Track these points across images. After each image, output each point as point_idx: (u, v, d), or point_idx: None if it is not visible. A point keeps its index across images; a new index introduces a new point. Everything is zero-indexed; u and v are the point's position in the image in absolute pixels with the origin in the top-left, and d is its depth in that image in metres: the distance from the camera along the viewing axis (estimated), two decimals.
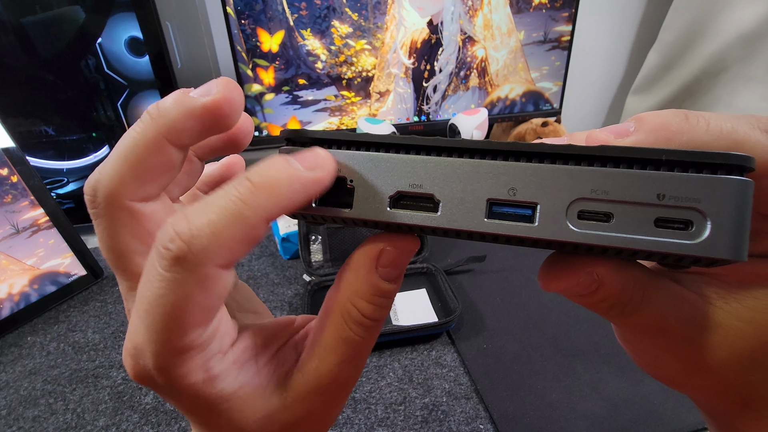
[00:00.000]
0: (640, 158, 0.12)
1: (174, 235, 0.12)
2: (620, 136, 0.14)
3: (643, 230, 0.12)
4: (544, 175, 0.13)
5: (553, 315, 0.54)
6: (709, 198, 0.12)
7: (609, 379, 0.45)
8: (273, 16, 0.74)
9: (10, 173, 0.57)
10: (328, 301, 0.16)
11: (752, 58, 0.89)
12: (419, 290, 0.57)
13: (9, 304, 0.55)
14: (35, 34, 0.65)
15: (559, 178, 0.13)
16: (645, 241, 0.12)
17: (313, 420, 0.16)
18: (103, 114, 0.73)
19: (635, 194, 0.12)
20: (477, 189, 0.13)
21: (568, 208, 0.13)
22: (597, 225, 0.13)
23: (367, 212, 0.14)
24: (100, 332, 0.54)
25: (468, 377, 0.47)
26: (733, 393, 0.16)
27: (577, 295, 0.15)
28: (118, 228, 0.14)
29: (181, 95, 0.14)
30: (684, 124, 0.13)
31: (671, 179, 0.12)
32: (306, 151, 0.14)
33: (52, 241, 0.60)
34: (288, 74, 0.79)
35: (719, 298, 0.15)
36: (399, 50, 0.81)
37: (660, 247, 0.12)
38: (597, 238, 0.13)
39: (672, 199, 0.12)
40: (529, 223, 0.13)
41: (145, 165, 0.14)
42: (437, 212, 0.14)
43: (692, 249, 0.12)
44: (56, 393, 0.46)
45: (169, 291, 0.12)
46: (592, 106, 1.18)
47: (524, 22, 0.82)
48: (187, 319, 0.13)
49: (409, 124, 0.87)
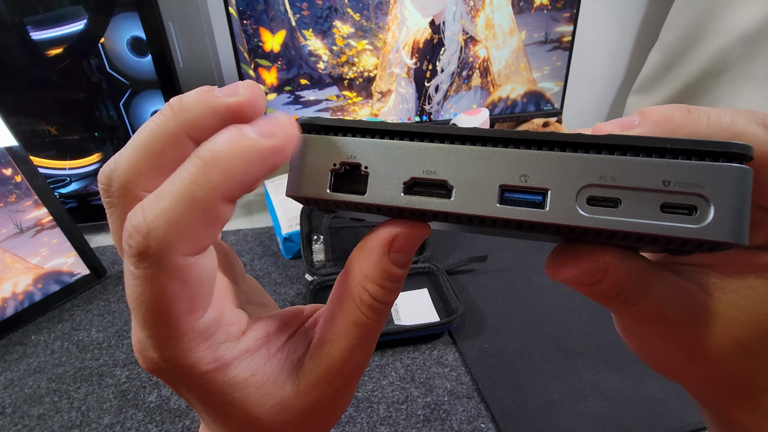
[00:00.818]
0: (646, 146, 0.13)
1: (132, 230, 0.12)
2: (625, 128, 0.14)
3: (649, 215, 0.13)
4: (554, 162, 0.13)
5: (554, 315, 0.54)
6: (712, 184, 0.12)
7: (610, 378, 0.46)
8: (275, 16, 0.74)
9: (14, 173, 0.57)
10: (338, 287, 0.17)
11: (754, 57, 0.89)
12: (421, 290, 0.58)
13: (13, 302, 0.56)
14: (38, 34, 0.65)
15: (568, 166, 0.13)
16: (651, 225, 0.13)
17: (325, 407, 0.17)
18: (106, 114, 0.73)
19: (642, 181, 0.13)
20: (489, 175, 0.14)
21: (578, 194, 0.13)
22: (605, 210, 0.13)
23: (381, 198, 0.15)
24: (104, 331, 0.55)
25: (469, 377, 0.47)
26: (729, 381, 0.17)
27: (584, 284, 0.15)
28: None
29: (206, 92, 0.14)
30: (686, 116, 0.14)
31: (676, 166, 0.12)
32: (264, 118, 0.14)
33: (56, 240, 0.60)
34: (290, 74, 0.79)
35: (717, 288, 0.16)
36: (401, 50, 0.81)
37: (666, 231, 0.13)
38: (605, 222, 0.13)
39: (677, 185, 0.12)
40: (540, 209, 0.13)
41: (162, 157, 0.13)
42: (451, 198, 0.14)
43: (696, 233, 0.12)
44: (61, 391, 0.47)
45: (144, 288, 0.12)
46: (593, 106, 1.18)
47: (526, 23, 0.82)
48: (171, 310, 0.13)
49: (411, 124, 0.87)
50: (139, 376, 0.48)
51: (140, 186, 0.14)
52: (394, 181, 0.14)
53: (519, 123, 0.91)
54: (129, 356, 0.51)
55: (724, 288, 0.16)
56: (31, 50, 0.66)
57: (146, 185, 0.14)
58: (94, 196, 0.77)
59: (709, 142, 0.12)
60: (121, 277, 0.65)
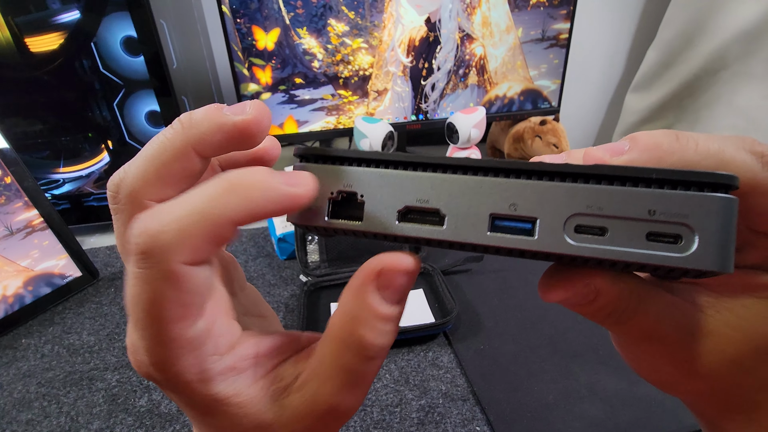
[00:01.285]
0: (632, 176, 0.13)
1: (143, 229, 0.13)
2: (615, 155, 0.14)
3: (635, 243, 0.13)
4: (543, 191, 0.14)
5: (550, 315, 0.54)
6: (697, 214, 0.12)
7: (606, 380, 0.45)
8: (269, 14, 0.73)
9: (4, 174, 0.57)
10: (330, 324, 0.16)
11: (752, 55, 0.88)
12: (416, 290, 0.57)
13: (3, 306, 0.55)
14: (30, 34, 0.64)
15: (556, 195, 0.13)
16: (637, 254, 0.13)
17: None
18: (99, 114, 0.72)
19: (628, 210, 0.13)
20: (480, 204, 0.14)
21: (566, 222, 0.13)
22: (593, 238, 0.13)
23: (376, 226, 0.15)
24: (95, 334, 0.54)
25: (464, 378, 0.46)
26: (723, 396, 0.17)
27: (576, 305, 0.16)
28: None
29: (215, 110, 0.15)
30: (674, 144, 0.14)
31: (661, 196, 0.13)
32: (293, 171, 0.15)
33: (47, 242, 0.60)
34: (284, 73, 0.78)
35: (710, 307, 0.16)
36: (397, 48, 0.80)
37: (651, 260, 0.13)
38: (592, 251, 0.13)
39: (662, 214, 0.13)
40: (529, 237, 0.14)
41: (170, 169, 0.14)
42: (443, 226, 0.15)
43: (681, 261, 0.13)
44: (50, 396, 0.46)
45: (142, 288, 0.13)
46: (591, 104, 1.17)
47: (522, 20, 0.81)
48: (164, 315, 0.13)
49: (407, 122, 0.86)
50: (130, 380, 0.47)
51: (146, 195, 0.14)
52: (389, 209, 0.15)
53: (516, 121, 0.90)
54: (120, 360, 0.50)
55: (717, 306, 0.16)
56: (23, 50, 0.65)
57: (152, 194, 0.15)
58: (88, 197, 0.77)
59: (694, 173, 0.12)
60: (113, 278, 0.65)
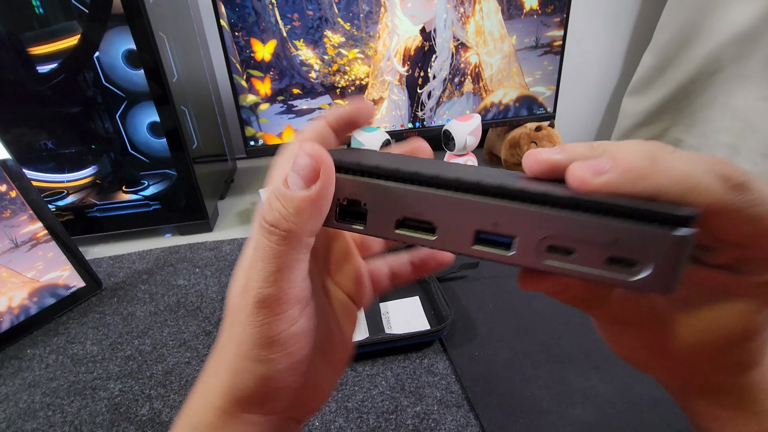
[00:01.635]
0: (602, 207, 0.14)
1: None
2: (596, 174, 0.15)
3: (596, 265, 0.15)
4: (522, 214, 0.15)
5: (545, 320, 0.54)
6: (654, 247, 0.14)
7: (600, 386, 0.46)
8: (266, 27, 0.75)
9: (9, 188, 0.58)
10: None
11: (747, 57, 0.89)
12: (412, 298, 0.58)
13: (9, 317, 0.56)
14: (34, 48, 0.66)
15: (534, 218, 0.15)
16: (596, 274, 0.15)
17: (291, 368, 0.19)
18: (102, 126, 0.74)
19: (594, 237, 0.15)
20: (467, 220, 0.16)
21: (540, 242, 0.15)
22: (561, 257, 0.15)
23: (377, 231, 0.18)
24: (99, 344, 0.55)
25: (459, 385, 0.47)
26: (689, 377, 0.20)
27: (551, 294, 0.18)
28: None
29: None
30: (648, 169, 0.15)
31: (624, 228, 0.14)
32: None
33: (51, 254, 0.61)
34: (282, 84, 0.79)
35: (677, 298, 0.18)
36: (393, 58, 0.81)
37: (606, 281, 0.15)
38: (559, 268, 0.15)
39: (623, 243, 0.14)
40: (507, 251, 0.16)
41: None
42: (434, 235, 0.17)
43: (632, 284, 0.15)
44: (54, 405, 0.47)
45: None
46: (587, 109, 1.18)
47: (516, 28, 0.82)
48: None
49: (404, 130, 0.87)
50: (132, 389, 0.48)
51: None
52: (388, 218, 0.17)
53: (512, 127, 0.91)
54: (123, 369, 0.51)
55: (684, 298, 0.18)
56: (27, 64, 0.67)
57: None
58: (91, 207, 0.78)
59: (654, 211, 0.14)
60: (116, 288, 0.66)
